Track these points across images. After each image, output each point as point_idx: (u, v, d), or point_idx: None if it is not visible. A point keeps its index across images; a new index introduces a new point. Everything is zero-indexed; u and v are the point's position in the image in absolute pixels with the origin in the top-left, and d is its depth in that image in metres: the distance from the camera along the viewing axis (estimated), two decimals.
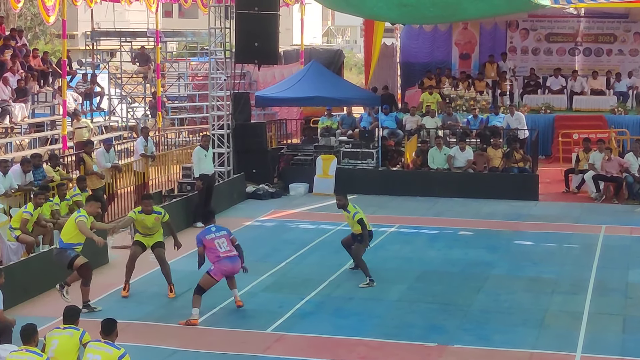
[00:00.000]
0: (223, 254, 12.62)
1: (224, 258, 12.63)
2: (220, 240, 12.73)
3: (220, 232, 12.86)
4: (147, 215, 13.87)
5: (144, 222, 13.88)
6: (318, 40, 65.47)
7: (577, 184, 22.50)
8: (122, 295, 13.76)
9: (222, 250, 12.63)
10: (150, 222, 13.89)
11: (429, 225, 18.84)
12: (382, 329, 12.11)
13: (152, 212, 13.89)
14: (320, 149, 23.59)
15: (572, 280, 14.52)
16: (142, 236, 14.10)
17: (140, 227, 14.02)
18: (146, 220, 13.87)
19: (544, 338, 11.73)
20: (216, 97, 22.45)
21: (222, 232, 12.90)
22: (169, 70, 32.50)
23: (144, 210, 13.92)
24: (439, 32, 33.05)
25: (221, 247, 12.66)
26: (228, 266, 12.65)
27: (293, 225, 18.99)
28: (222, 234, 12.83)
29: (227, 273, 12.73)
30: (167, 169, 22.24)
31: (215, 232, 12.84)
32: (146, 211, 13.87)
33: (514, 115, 25.19)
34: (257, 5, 21.66)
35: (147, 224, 13.90)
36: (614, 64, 31.38)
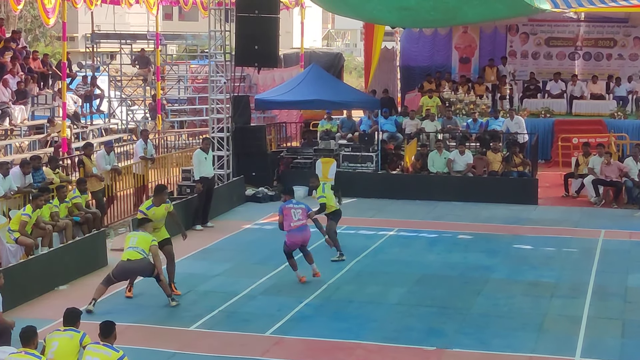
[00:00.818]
0: (294, 223, 14.41)
1: (294, 229, 14.42)
2: (296, 210, 14.53)
3: (298, 205, 14.75)
4: (157, 208, 14.13)
5: (155, 215, 14.07)
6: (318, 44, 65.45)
7: (577, 189, 22.51)
8: (126, 296, 13.79)
9: (294, 219, 14.41)
10: (161, 213, 14.16)
11: (428, 229, 18.84)
12: (381, 333, 12.10)
13: (164, 202, 14.29)
14: (320, 152, 23.59)
15: (571, 285, 14.52)
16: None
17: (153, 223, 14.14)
18: (157, 213, 14.10)
19: (543, 342, 11.73)
20: (216, 99, 22.46)
21: (300, 205, 14.81)
22: (168, 72, 32.52)
23: (155, 203, 14.17)
24: (439, 36, 33.07)
25: (295, 216, 14.43)
26: (299, 236, 14.45)
27: None
28: (300, 207, 14.69)
29: (299, 242, 14.51)
30: (166, 171, 22.24)
31: (294, 204, 14.73)
32: (160, 201, 14.18)
33: (513, 119, 25.21)
34: (257, 9, 21.66)
35: (158, 217, 14.10)
36: (614, 69, 31.38)
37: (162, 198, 14.28)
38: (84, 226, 16.58)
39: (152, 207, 14.13)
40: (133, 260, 13.11)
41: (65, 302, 12.18)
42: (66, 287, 14.25)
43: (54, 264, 14.27)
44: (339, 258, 15.84)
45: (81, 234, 16.21)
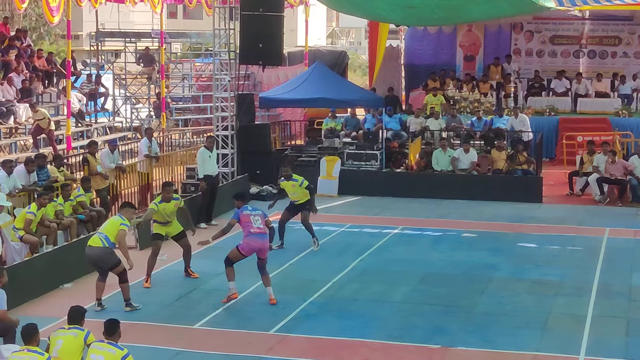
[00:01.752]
0: (254, 229, 13.25)
1: (254, 234, 13.26)
2: (255, 218, 13.42)
3: (256, 212, 13.60)
4: (167, 203, 14.41)
5: (165, 210, 14.38)
6: (322, 42, 65.44)
7: (581, 187, 22.49)
8: (145, 287, 14.03)
9: (254, 225, 13.28)
10: (170, 209, 14.43)
11: (432, 227, 18.83)
12: (385, 331, 12.11)
13: (171, 198, 14.49)
14: (324, 151, 23.58)
15: (575, 283, 14.51)
16: (160, 225, 14.54)
17: (160, 216, 14.44)
18: (167, 209, 14.39)
19: (547, 340, 11.72)
20: (220, 98, 22.46)
21: (258, 212, 13.63)
22: (173, 71, 32.52)
23: (164, 199, 14.41)
24: (444, 34, 33.07)
25: (254, 223, 13.32)
26: (257, 242, 13.25)
27: (296, 226, 18.94)
28: (258, 214, 13.56)
29: (256, 249, 13.29)
30: (170, 169, 22.25)
31: (251, 211, 13.58)
32: (167, 198, 14.40)
33: (518, 117, 25.19)
34: (261, 7, 21.66)
35: (167, 212, 14.41)
36: (619, 67, 31.35)
37: (167, 195, 14.41)
38: (89, 224, 16.61)
39: (163, 202, 14.45)
40: (93, 247, 13.05)
41: (70, 300, 12.23)
42: (71, 285, 14.28)
43: (58, 262, 14.29)
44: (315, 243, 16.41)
45: (86, 232, 16.23)
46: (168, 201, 14.43)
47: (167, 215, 14.44)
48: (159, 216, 14.48)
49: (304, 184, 16.09)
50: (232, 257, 13.35)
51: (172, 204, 14.50)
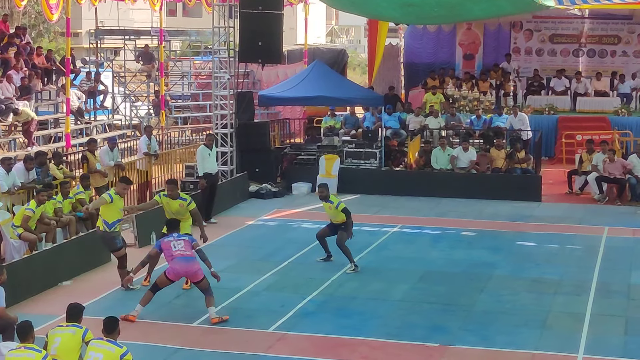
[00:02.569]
0: (176, 252, 12.50)
1: (178, 257, 12.47)
2: (177, 242, 12.65)
3: (180, 237, 12.81)
4: (171, 200, 14.24)
5: (169, 206, 14.28)
6: (322, 40, 65.49)
7: (580, 185, 22.49)
8: (143, 284, 13.97)
9: (174, 250, 12.52)
10: (174, 207, 14.23)
11: (431, 226, 18.83)
12: (384, 329, 12.11)
13: (177, 197, 14.28)
14: (324, 149, 23.58)
15: (574, 282, 14.51)
16: None
17: (167, 212, 14.32)
18: (171, 205, 14.26)
19: (546, 339, 11.73)
20: (220, 96, 22.46)
21: (182, 237, 12.84)
22: (172, 69, 32.53)
23: (169, 195, 14.30)
24: (443, 33, 33.08)
25: (175, 247, 12.56)
26: (182, 265, 12.43)
27: (295, 224, 19.00)
28: (182, 239, 12.76)
29: (182, 273, 12.54)
30: (170, 167, 22.24)
31: (175, 237, 12.80)
32: (171, 196, 14.26)
33: (517, 116, 25.19)
34: (261, 5, 21.65)
35: (172, 209, 14.26)
36: (618, 66, 31.37)
37: (170, 192, 14.30)
38: (88, 222, 16.58)
39: (167, 197, 14.32)
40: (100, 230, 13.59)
41: (69, 297, 12.18)
42: (70, 283, 14.28)
43: (57, 259, 14.28)
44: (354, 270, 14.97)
45: (85, 230, 16.22)
46: (173, 199, 14.24)
47: (173, 214, 14.19)
48: (165, 211, 14.35)
49: (340, 206, 15.20)
50: (159, 283, 12.61)
51: (177, 202, 14.20)
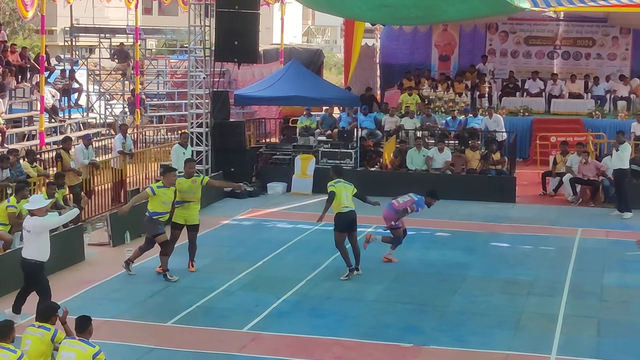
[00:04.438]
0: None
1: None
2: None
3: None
4: (185, 179, 14.54)
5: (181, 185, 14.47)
6: (298, 40, 65.49)
7: (554, 187, 22.62)
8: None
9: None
10: (185, 186, 14.48)
11: (406, 226, 18.81)
12: (358, 329, 12.12)
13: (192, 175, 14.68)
14: (299, 149, 23.58)
15: (547, 283, 14.59)
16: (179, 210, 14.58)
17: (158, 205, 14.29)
18: (183, 184, 14.45)
19: (519, 340, 11.77)
20: (195, 95, 22.41)
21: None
22: (148, 67, 32.42)
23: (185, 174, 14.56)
24: (419, 34, 33.16)
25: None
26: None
27: (270, 224, 18.97)
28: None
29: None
30: (144, 166, 22.16)
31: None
32: (188, 174, 14.58)
33: (492, 117, 25.31)
34: (237, 4, 21.61)
35: (183, 188, 14.49)
36: (592, 68, 31.59)
37: (191, 170, 14.57)
38: None
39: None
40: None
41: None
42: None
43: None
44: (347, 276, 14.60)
45: (61, 228, 16.09)
46: (189, 177, 14.48)
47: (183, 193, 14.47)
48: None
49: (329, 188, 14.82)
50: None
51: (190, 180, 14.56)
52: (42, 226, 11.56)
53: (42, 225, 11.56)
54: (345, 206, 14.65)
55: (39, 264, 11.62)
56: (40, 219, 11.56)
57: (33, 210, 11.64)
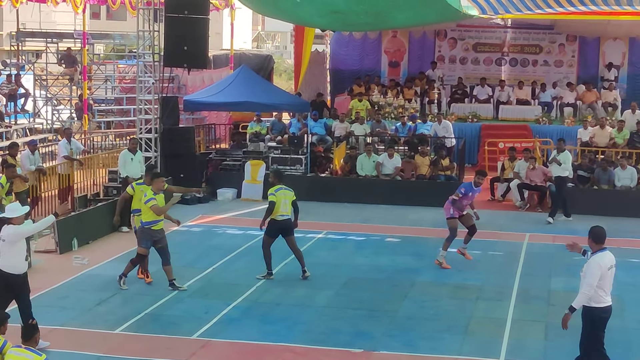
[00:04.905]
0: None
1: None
2: None
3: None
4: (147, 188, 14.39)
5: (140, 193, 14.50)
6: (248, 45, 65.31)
7: (502, 193, 22.84)
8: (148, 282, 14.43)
9: None
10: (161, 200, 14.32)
11: (356, 232, 18.91)
12: (308, 335, 12.11)
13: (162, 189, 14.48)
14: (249, 155, 23.53)
15: (496, 288, 14.71)
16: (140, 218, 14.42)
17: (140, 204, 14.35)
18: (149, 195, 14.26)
19: (468, 344, 11.85)
20: (144, 100, 22.24)
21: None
22: (96, 72, 32.12)
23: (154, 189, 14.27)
24: (369, 40, 33.30)
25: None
26: None
27: (220, 230, 18.89)
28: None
29: None
30: (92, 172, 21.93)
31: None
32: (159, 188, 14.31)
33: (441, 123, 25.48)
34: (186, 9, 21.48)
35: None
36: (539, 75, 31.99)
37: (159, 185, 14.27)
38: None
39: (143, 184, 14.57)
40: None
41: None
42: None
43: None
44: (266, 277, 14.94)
45: None
46: (157, 192, 14.28)
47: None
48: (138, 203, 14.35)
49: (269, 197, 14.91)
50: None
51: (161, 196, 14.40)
52: (17, 234, 11.23)
53: (17, 234, 11.24)
54: (282, 214, 14.85)
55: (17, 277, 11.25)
56: (15, 227, 11.25)
57: (11, 218, 11.31)
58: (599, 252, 9.95)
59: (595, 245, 10.00)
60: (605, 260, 9.90)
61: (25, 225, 11.49)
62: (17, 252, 11.27)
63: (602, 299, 9.93)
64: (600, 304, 9.94)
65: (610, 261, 9.99)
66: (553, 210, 20.49)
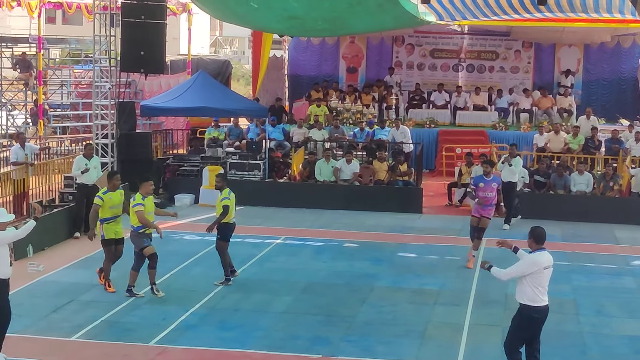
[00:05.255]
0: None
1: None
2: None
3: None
4: (113, 193, 14.32)
5: (113, 201, 14.27)
6: (206, 51, 65.10)
7: (460, 198, 22.98)
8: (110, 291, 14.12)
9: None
10: (117, 200, 14.35)
11: (315, 237, 18.91)
12: (266, 341, 12.07)
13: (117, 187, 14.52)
14: (207, 160, 23.43)
15: (453, 292, 14.79)
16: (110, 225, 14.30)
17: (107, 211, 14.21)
18: (114, 199, 14.28)
19: (426, 349, 11.90)
20: (100, 105, 22.06)
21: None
22: (51, 77, 31.79)
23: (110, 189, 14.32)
24: (327, 46, 33.37)
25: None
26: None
27: (178, 236, 18.77)
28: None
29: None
30: (48, 178, 21.69)
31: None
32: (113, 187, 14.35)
33: (399, 129, 25.58)
34: (143, 14, 21.36)
35: (115, 203, 14.31)
36: (496, 81, 32.28)
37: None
38: None
39: (108, 192, 14.26)
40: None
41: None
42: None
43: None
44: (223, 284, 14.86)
45: None
46: (114, 190, 14.27)
47: (115, 207, 14.28)
48: (106, 211, 14.18)
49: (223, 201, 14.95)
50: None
51: (119, 193, 14.39)
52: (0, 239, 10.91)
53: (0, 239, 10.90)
54: (233, 217, 15.08)
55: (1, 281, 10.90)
56: None
57: None
58: (537, 251, 10.22)
59: (535, 245, 10.27)
60: (542, 259, 10.16)
61: (8, 232, 11.20)
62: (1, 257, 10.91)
63: (538, 298, 10.15)
64: (536, 303, 10.15)
65: (548, 261, 10.21)
66: (507, 216, 20.64)
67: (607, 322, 13.33)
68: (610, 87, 32.49)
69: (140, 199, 14.00)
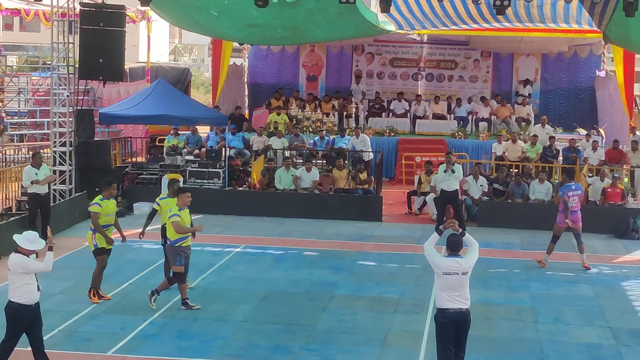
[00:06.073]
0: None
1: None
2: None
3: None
4: (109, 201, 14.34)
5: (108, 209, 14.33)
6: (165, 58, 64.87)
7: (419, 206, 23.07)
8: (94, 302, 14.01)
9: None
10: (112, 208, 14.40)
11: (274, 246, 18.88)
12: (226, 350, 12.02)
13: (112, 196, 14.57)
14: (166, 168, 23.31)
15: (413, 300, 14.84)
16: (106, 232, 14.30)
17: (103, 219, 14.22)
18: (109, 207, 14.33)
19: (386, 357, 11.91)
20: (58, 113, 21.85)
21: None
22: (8, 84, 31.47)
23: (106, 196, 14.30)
24: (287, 54, 33.39)
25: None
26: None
27: (136, 245, 18.59)
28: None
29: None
30: (4, 186, 21.44)
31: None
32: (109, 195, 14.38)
33: (359, 137, 25.63)
34: (102, 21, 21.20)
35: (110, 211, 14.34)
36: (455, 90, 32.51)
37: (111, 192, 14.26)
38: None
39: (104, 199, 14.29)
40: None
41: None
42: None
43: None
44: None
45: None
46: (109, 198, 14.23)
47: (109, 215, 14.29)
48: (101, 219, 14.19)
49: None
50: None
51: (112, 202, 14.39)
52: (23, 267, 10.40)
53: (23, 267, 10.40)
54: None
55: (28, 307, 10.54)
56: (22, 258, 10.43)
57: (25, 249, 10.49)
58: (449, 256, 10.49)
59: (450, 252, 10.58)
60: (445, 263, 10.43)
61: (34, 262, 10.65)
62: (26, 281, 10.47)
63: (442, 302, 10.41)
64: (441, 306, 10.42)
65: (451, 268, 10.39)
66: (461, 223, 20.59)
67: (564, 330, 13.44)
68: (567, 96, 32.87)
69: (177, 210, 13.89)
